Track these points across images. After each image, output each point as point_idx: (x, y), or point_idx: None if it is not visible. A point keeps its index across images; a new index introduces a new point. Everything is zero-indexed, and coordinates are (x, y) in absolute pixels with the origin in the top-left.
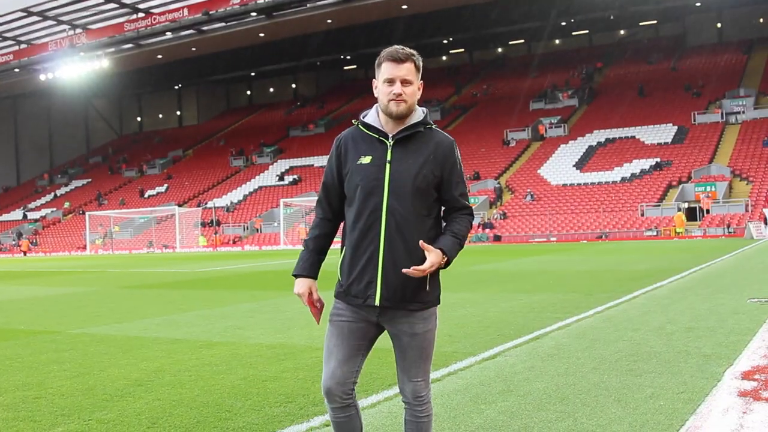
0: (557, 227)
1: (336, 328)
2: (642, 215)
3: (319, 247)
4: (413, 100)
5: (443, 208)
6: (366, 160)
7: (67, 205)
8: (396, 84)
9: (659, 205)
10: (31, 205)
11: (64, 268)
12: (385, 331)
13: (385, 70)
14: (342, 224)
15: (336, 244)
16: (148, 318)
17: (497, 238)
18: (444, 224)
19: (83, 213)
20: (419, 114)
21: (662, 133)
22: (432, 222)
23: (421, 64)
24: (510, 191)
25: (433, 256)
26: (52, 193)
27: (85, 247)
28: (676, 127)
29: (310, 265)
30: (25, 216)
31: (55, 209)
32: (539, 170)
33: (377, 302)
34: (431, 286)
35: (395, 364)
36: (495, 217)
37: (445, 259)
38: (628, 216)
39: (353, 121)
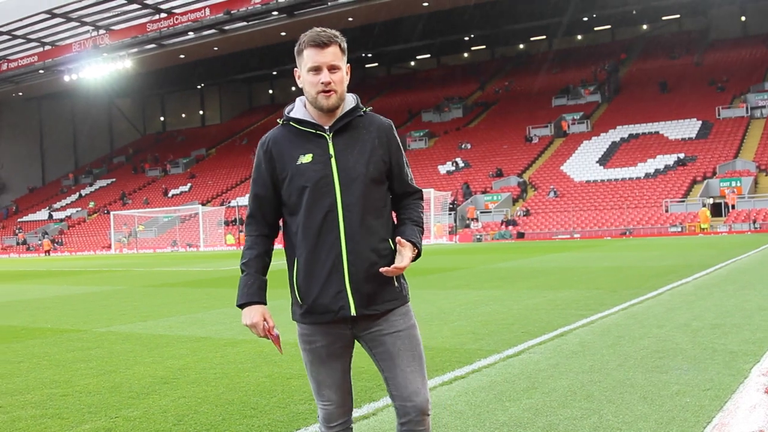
0: (581, 224)
1: (313, 355)
2: (666, 211)
3: (262, 268)
4: (343, 88)
5: (391, 197)
6: (306, 158)
7: (91, 204)
8: (323, 72)
9: (684, 201)
10: (57, 205)
11: (89, 267)
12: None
13: (308, 58)
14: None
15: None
16: (173, 316)
17: (520, 235)
18: (398, 213)
19: (108, 212)
20: (350, 100)
21: (686, 128)
22: (388, 212)
23: (345, 45)
24: (533, 188)
25: (407, 251)
26: (77, 193)
27: (109, 246)
28: (700, 122)
29: (257, 289)
30: (50, 216)
31: (80, 209)
32: (562, 167)
33: (353, 312)
34: (399, 280)
35: (383, 380)
36: (518, 214)
37: (416, 251)
38: (653, 212)
39: (278, 120)
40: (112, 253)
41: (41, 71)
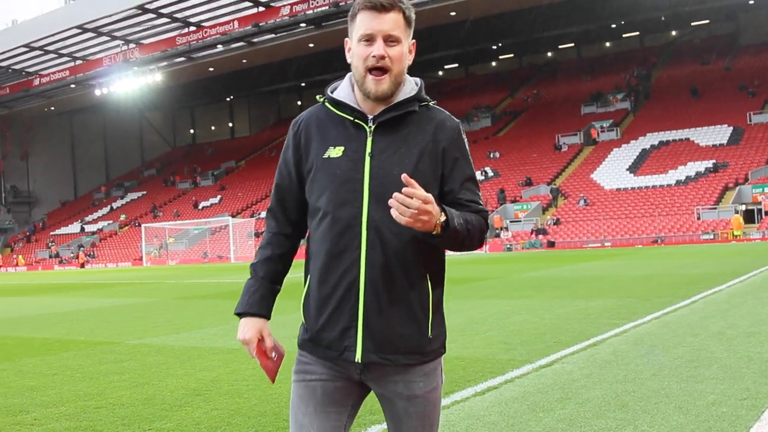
0: (611, 232)
1: (305, 390)
2: (698, 218)
3: (272, 274)
4: (401, 68)
5: None
6: (336, 152)
7: (123, 217)
8: (377, 42)
9: (716, 208)
10: (89, 218)
11: (121, 280)
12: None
13: (360, 23)
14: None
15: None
16: (205, 328)
17: (551, 244)
18: None
19: (139, 225)
20: (411, 86)
21: (717, 134)
22: (432, 245)
23: (413, 15)
24: (563, 196)
25: (424, 194)
26: (109, 206)
27: (141, 259)
28: (731, 128)
29: (260, 299)
30: (82, 229)
31: (111, 222)
32: (592, 175)
33: (358, 357)
34: (434, 328)
35: None
36: (548, 222)
37: (443, 218)
38: (684, 219)
39: (318, 96)
40: (144, 265)
41: (73, 86)
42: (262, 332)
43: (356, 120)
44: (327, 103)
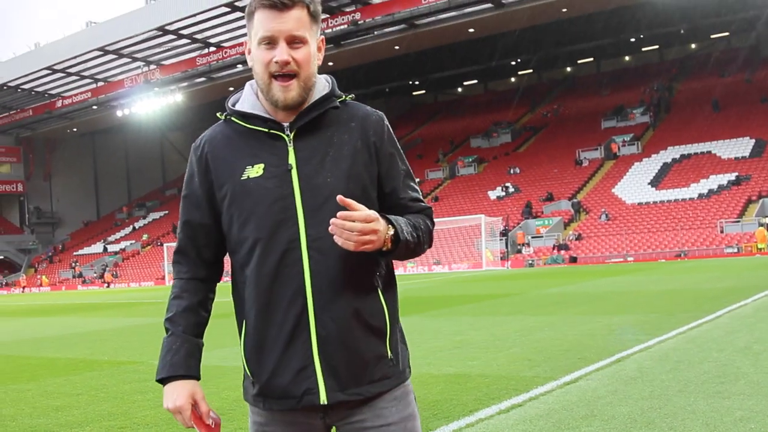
0: (634, 247)
1: None
2: (721, 232)
3: (194, 326)
4: (310, 71)
5: None
6: (256, 170)
7: (145, 237)
8: (279, 45)
9: (739, 221)
10: (111, 238)
11: (144, 299)
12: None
13: (259, 24)
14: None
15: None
16: (227, 347)
17: (573, 260)
18: None
19: (161, 244)
20: (322, 84)
21: (739, 146)
22: (375, 256)
23: (319, 8)
24: (584, 211)
25: (366, 212)
26: (131, 226)
27: (163, 278)
28: (753, 140)
29: (186, 357)
30: (105, 249)
31: (134, 241)
32: (613, 189)
33: (323, 399)
34: (394, 346)
35: None
36: (570, 238)
37: (391, 231)
38: (707, 233)
39: (218, 114)
40: (167, 284)
41: (94, 107)
42: (194, 396)
43: (271, 130)
44: (233, 118)
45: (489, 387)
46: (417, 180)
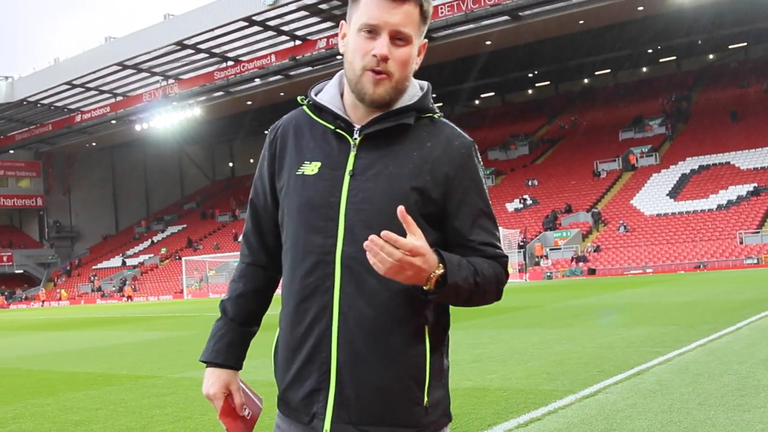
0: (653, 258)
1: None
2: (741, 243)
3: (245, 314)
4: (405, 74)
5: None
6: (312, 168)
7: (163, 251)
8: (381, 37)
9: (759, 232)
10: (130, 252)
11: (162, 313)
12: None
13: (365, 8)
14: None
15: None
16: (247, 360)
17: (591, 272)
18: None
19: (179, 258)
20: (413, 92)
21: (759, 157)
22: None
23: (431, 9)
24: (603, 223)
25: (418, 240)
26: (149, 240)
27: (182, 292)
28: None
29: (227, 346)
30: (124, 263)
31: (152, 255)
32: (632, 201)
33: (327, 426)
34: (433, 392)
35: None
36: (588, 250)
37: (440, 270)
38: (727, 244)
39: (299, 98)
40: (185, 298)
41: (113, 121)
42: (230, 387)
43: (338, 130)
44: (307, 108)
45: (508, 400)
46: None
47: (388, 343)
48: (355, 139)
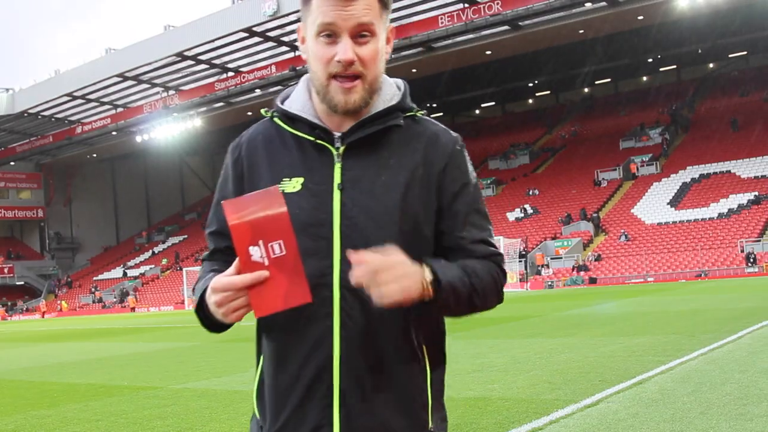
0: (654, 267)
1: None
2: (742, 251)
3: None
4: (377, 71)
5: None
6: (293, 185)
7: (164, 261)
8: (343, 40)
9: (760, 240)
10: (131, 263)
11: (163, 324)
12: None
13: (318, 8)
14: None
15: None
16: (248, 371)
17: (592, 281)
18: None
19: (180, 269)
20: (391, 91)
21: (759, 165)
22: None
23: None
24: (604, 232)
25: (397, 255)
26: (150, 251)
27: (183, 302)
28: None
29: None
30: (125, 273)
31: (153, 266)
32: (632, 210)
33: None
34: (435, 415)
35: None
36: (589, 259)
37: (429, 275)
38: (728, 253)
39: (263, 110)
40: (188, 309)
41: (114, 133)
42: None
43: (318, 140)
44: (277, 119)
45: (509, 410)
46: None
47: (393, 368)
48: (338, 148)
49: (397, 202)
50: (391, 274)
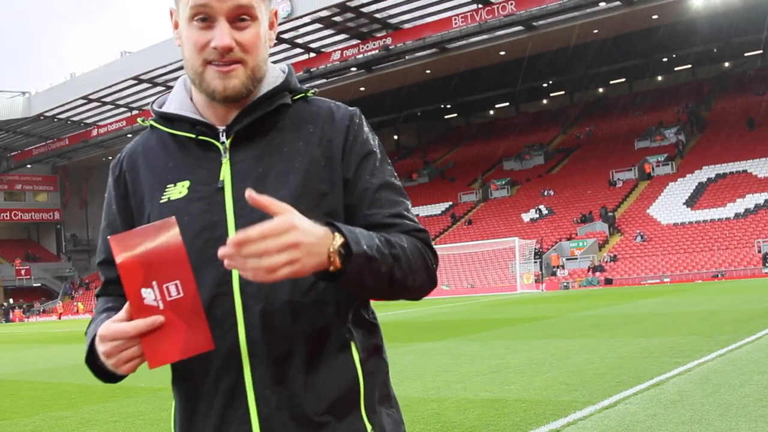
0: (670, 268)
1: None
2: (759, 251)
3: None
4: (260, 57)
5: None
6: (179, 190)
7: None
8: (219, 24)
9: None
10: None
11: None
12: None
13: None
14: None
15: None
16: None
17: (608, 282)
18: None
19: None
20: (275, 75)
21: None
22: (341, 297)
23: None
24: (619, 233)
25: (290, 217)
26: None
27: None
28: None
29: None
30: None
31: None
32: (648, 210)
33: None
34: (374, 420)
35: None
36: (605, 259)
37: (339, 240)
38: (745, 253)
39: (139, 120)
40: None
41: (129, 135)
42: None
43: (201, 137)
44: (155, 123)
45: (526, 412)
46: (405, 198)
47: (313, 374)
48: (223, 142)
49: (294, 191)
50: (277, 242)
